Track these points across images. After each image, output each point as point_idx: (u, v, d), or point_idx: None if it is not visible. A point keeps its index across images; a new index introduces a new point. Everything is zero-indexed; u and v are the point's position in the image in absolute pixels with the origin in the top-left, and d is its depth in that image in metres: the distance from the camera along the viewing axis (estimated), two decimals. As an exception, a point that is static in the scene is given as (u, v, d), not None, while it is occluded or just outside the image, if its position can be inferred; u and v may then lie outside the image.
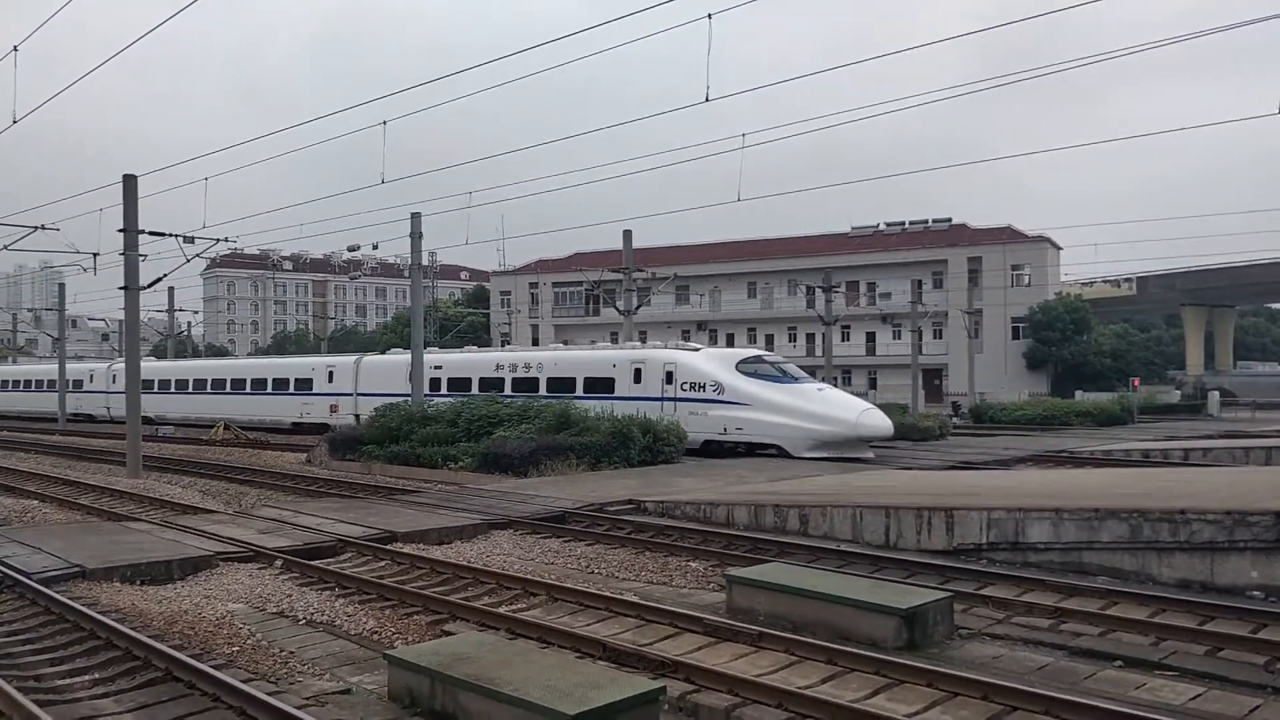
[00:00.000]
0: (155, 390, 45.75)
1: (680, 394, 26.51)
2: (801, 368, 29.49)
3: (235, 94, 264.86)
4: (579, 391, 28.89)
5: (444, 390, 33.11)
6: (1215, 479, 15.03)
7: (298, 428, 39.43)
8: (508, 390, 31.08)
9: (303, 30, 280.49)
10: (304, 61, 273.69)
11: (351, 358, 40.10)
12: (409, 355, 32.41)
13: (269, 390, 42.15)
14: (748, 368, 26.67)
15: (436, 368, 34.07)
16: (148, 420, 40.25)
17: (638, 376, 27.90)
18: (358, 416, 34.58)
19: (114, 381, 48.95)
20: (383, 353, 43.20)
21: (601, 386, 28.56)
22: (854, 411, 24.80)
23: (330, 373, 39.72)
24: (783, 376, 26.56)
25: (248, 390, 42.98)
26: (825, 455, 23.99)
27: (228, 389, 44.27)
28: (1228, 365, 79.21)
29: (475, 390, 32.06)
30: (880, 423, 25.07)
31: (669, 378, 27.08)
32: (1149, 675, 7.48)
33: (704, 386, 26.17)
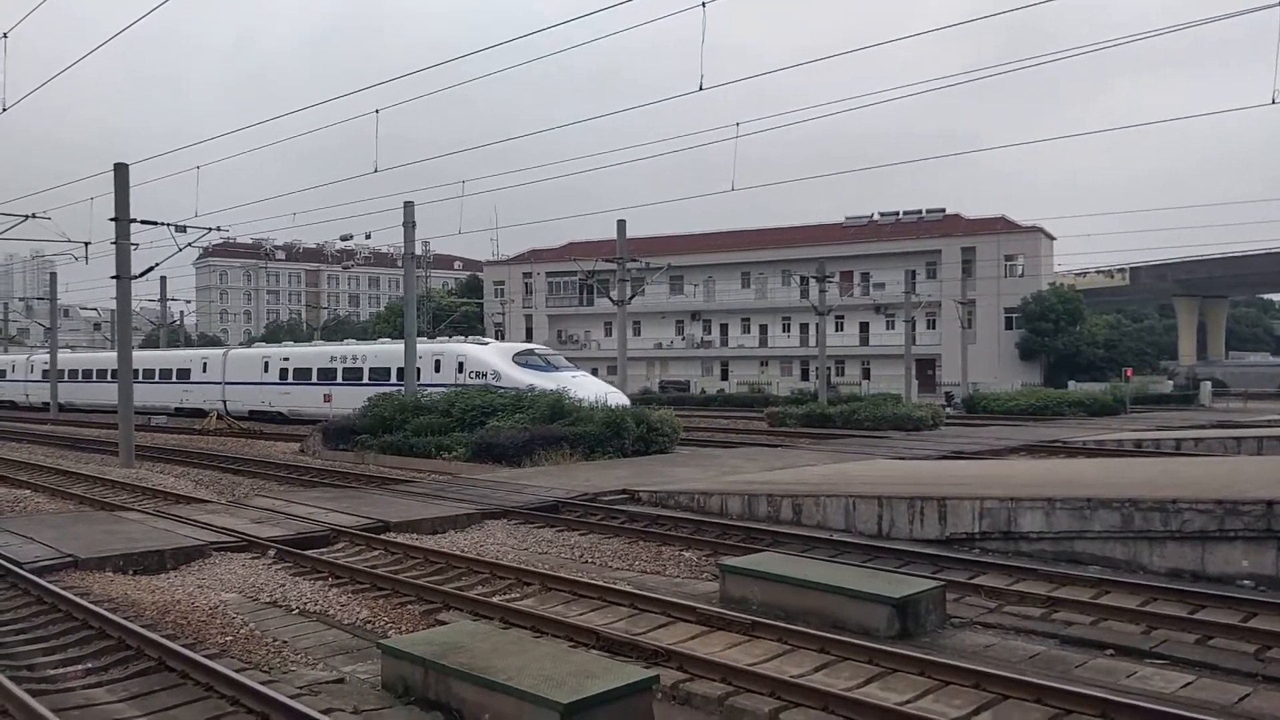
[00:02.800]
0: (66, 379, 52.04)
1: (469, 381, 30.99)
2: (796, 357, 30.99)
3: (233, 84, 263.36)
4: (392, 379, 33.96)
5: (291, 379, 39.53)
6: (1207, 469, 15.09)
7: (180, 411, 44.25)
8: (338, 379, 37.46)
9: (303, 22, 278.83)
10: (303, 53, 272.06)
11: (220, 351, 46.51)
12: (262, 350, 43.03)
13: (157, 379, 47.18)
14: (521, 359, 32.11)
15: (285, 359, 40.71)
16: (60, 407, 49.93)
17: (438, 366, 32.98)
18: (225, 402, 41.78)
19: (32, 371, 56.65)
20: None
21: (413, 375, 32.10)
22: (601, 393, 27.85)
23: (205, 364, 45.03)
24: (548, 366, 31.78)
25: (141, 379, 46.10)
26: None
27: (109, 378, 47.45)
28: (1220, 355, 79.56)
29: (314, 379, 38.56)
30: (622, 402, 27.79)
31: (460, 367, 32.29)
32: (1140, 664, 7.52)
33: (486, 375, 31.01)
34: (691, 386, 67.92)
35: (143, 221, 24.67)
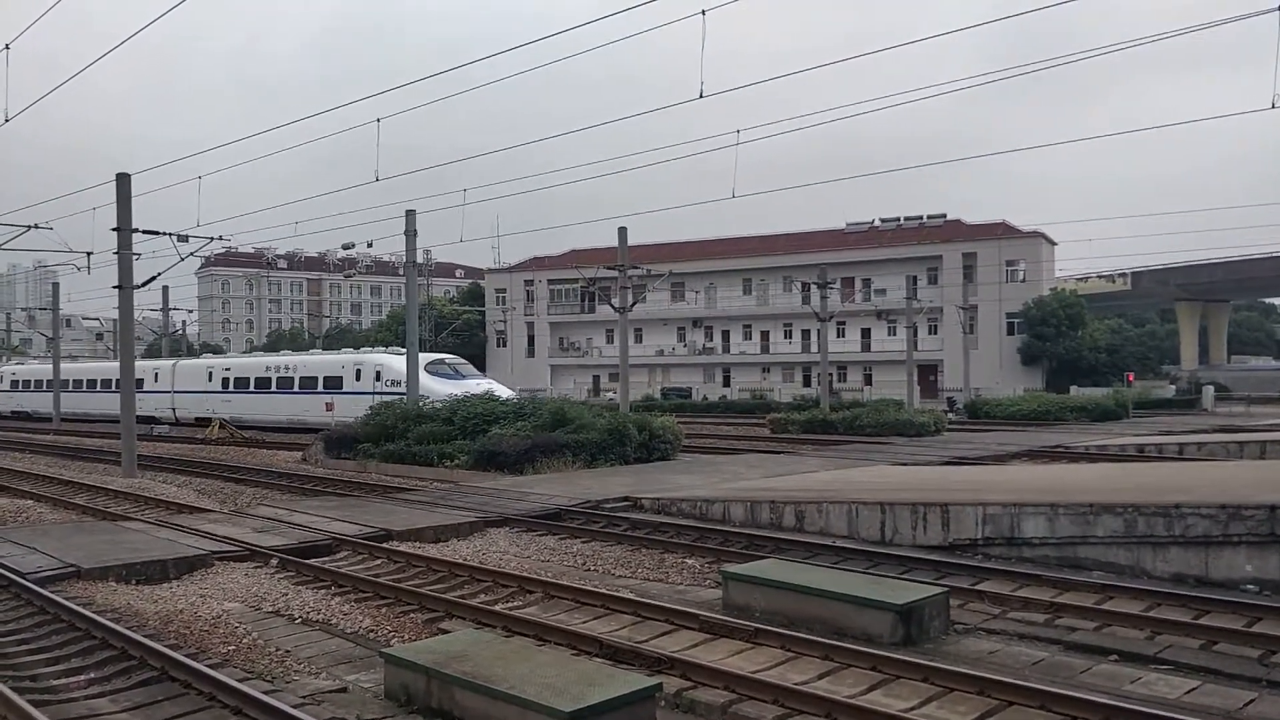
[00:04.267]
0: (30, 389, 57.34)
1: (385, 389, 33.73)
2: (797, 364, 31.48)
3: (240, 91, 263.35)
4: (320, 388, 37.32)
5: (231, 388, 42.10)
6: (1210, 473, 15.07)
7: (138, 420, 45.14)
8: (273, 387, 39.92)
9: (310, 25, 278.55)
10: (312, 56, 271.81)
11: (170, 362, 49.01)
12: (207, 361, 46.47)
13: (114, 389, 49.27)
14: (433, 368, 34.13)
15: (227, 369, 43.57)
16: (25, 415, 54.81)
17: (358, 375, 35.99)
18: (174, 410, 44.81)
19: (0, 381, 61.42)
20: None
21: (335, 383, 36.73)
22: (502, 397, 29.82)
23: (156, 374, 47.45)
24: (456, 374, 34.38)
25: (99, 389, 50.61)
26: None
27: (84, 388, 52.61)
28: (1222, 360, 79.47)
29: (252, 387, 41.06)
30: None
31: (378, 376, 35.04)
32: (1144, 669, 7.50)
33: (401, 383, 32.14)
34: (693, 393, 67.91)
35: (145, 231, 24.69)
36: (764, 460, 22.54)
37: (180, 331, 71.90)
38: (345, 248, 39.01)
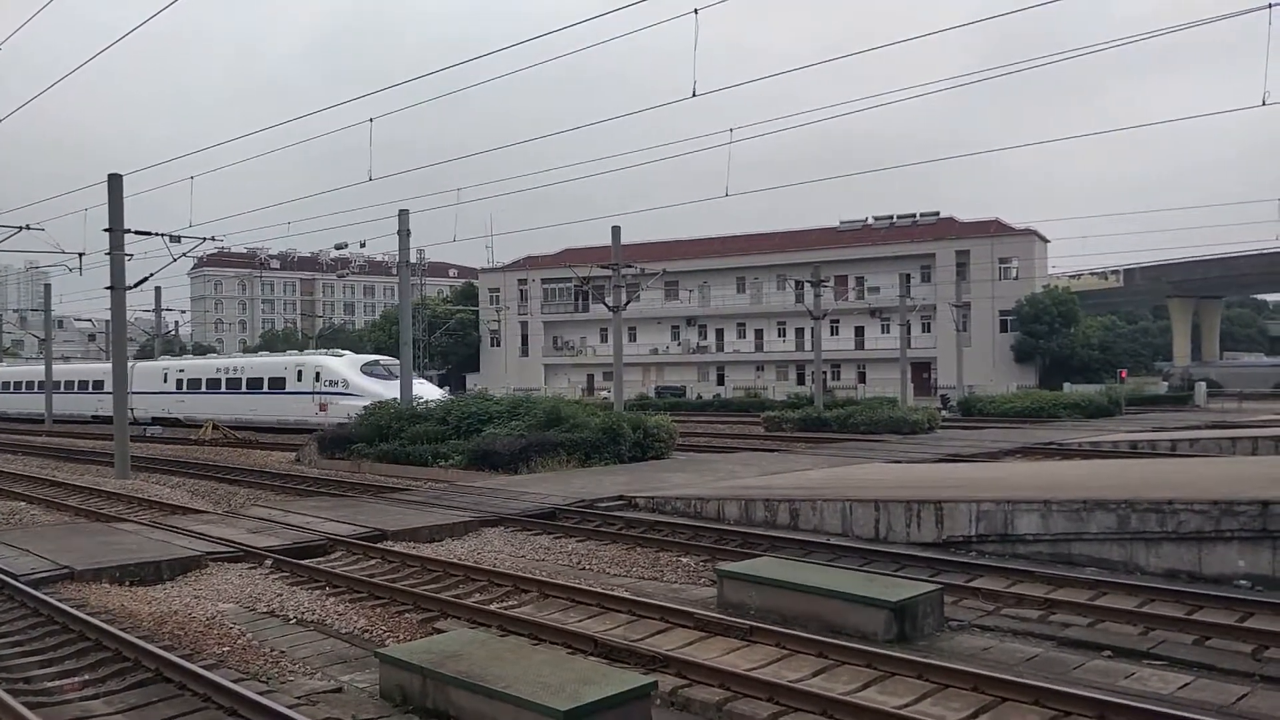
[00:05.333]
0: (9, 391, 58.03)
1: (324, 389, 36.81)
2: (791, 362, 31.62)
3: (238, 92, 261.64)
4: (265, 388, 39.92)
5: (185, 388, 44.57)
6: (1202, 469, 15.12)
7: (96, 418, 48.56)
8: (222, 388, 42.19)
9: (307, 27, 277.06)
10: (311, 59, 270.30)
11: (129, 364, 48.85)
12: (163, 363, 48.43)
13: (76, 390, 52.59)
14: (367, 369, 37.44)
15: (180, 371, 45.97)
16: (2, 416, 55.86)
17: (299, 376, 38.24)
18: (132, 410, 44.24)
19: None
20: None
21: (278, 384, 39.27)
22: (429, 396, 32.69)
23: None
24: (389, 375, 36.02)
25: (62, 390, 52.52)
26: None
27: (37, 389, 53.66)
28: (1214, 356, 79.72)
29: (203, 388, 43.38)
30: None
31: (318, 376, 37.35)
32: (1138, 665, 7.53)
33: (338, 383, 36.47)
34: (687, 392, 67.96)
35: (137, 232, 24.57)
36: (758, 458, 22.56)
37: (173, 332, 71.65)
38: (338, 247, 38.97)
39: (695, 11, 17.60)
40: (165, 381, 46.11)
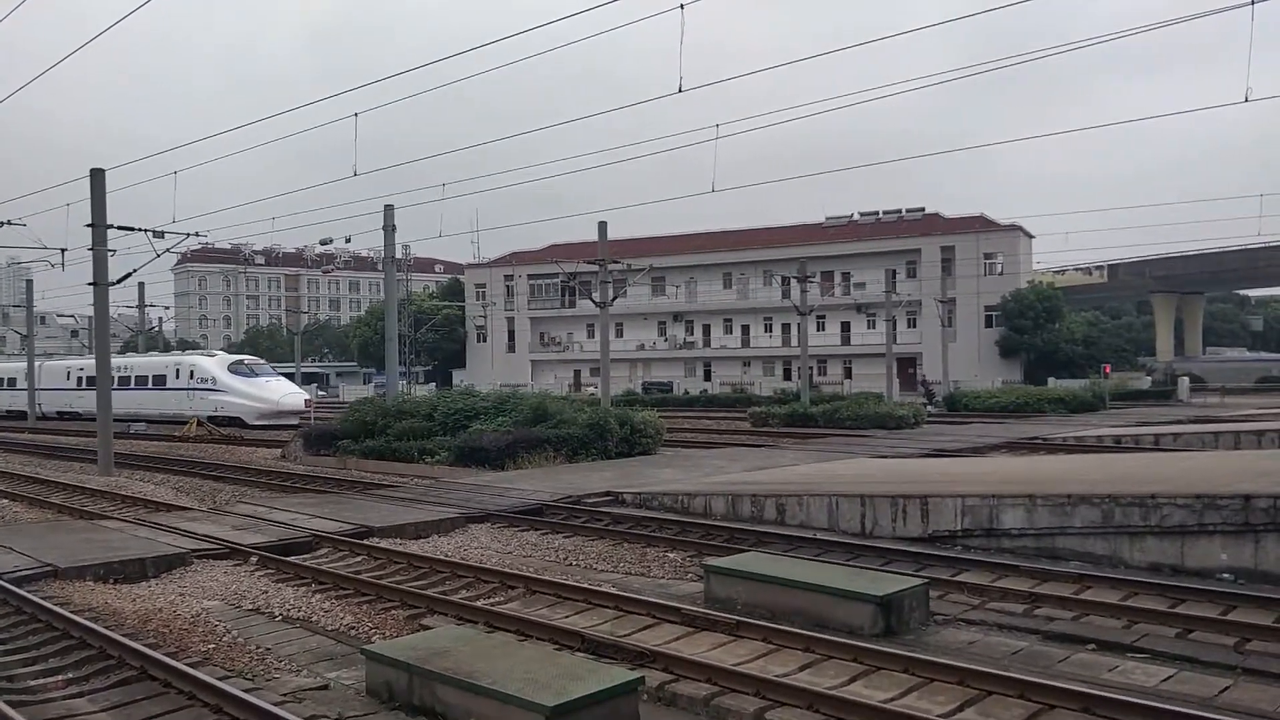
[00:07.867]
0: None
1: (197, 385, 40.98)
2: (778, 358, 31.65)
3: (229, 90, 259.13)
4: (150, 385, 44.04)
5: (84, 385, 46.50)
6: (1185, 464, 15.22)
7: (10, 414, 52.21)
8: (115, 385, 43.72)
9: (300, 25, 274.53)
10: (304, 56, 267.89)
11: (37, 363, 52.52)
12: (65, 362, 52.68)
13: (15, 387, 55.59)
14: (233, 368, 41.35)
15: (81, 369, 48.88)
16: None
17: (178, 374, 42.55)
18: (40, 405, 49.62)
19: None
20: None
21: (161, 380, 43.38)
22: (279, 395, 40.05)
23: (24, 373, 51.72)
24: (252, 373, 41.38)
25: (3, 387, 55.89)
26: (267, 423, 38.15)
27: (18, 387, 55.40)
28: (1197, 351, 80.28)
29: None
30: (296, 401, 40.57)
31: (191, 374, 41.58)
32: (1122, 658, 7.58)
33: (208, 380, 40.64)
34: (674, 387, 67.97)
35: (119, 227, 24.41)
36: (745, 454, 22.60)
37: (157, 329, 71.18)
38: (323, 243, 38.92)
39: (681, 7, 17.58)
40: (69, 379, 50.28)
